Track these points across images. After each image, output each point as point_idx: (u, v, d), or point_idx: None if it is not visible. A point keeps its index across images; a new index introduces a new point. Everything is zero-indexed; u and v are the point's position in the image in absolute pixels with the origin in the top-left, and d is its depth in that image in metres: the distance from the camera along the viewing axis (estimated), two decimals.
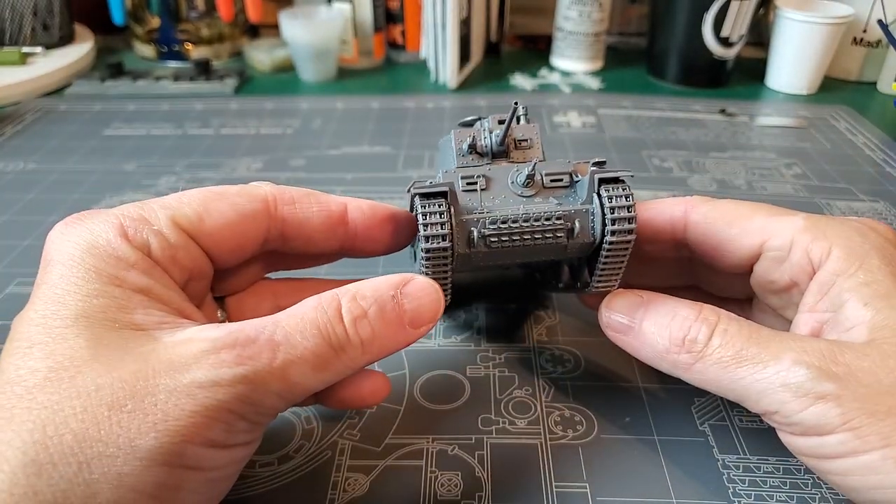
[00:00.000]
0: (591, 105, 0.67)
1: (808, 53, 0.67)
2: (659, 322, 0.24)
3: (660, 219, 0.28)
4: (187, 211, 0.23)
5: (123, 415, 0.17)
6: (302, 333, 0.20)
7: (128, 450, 0.17)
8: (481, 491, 0.27)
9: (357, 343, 0.21)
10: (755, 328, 0.22)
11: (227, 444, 0.20)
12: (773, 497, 0.26)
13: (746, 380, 0.21)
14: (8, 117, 0.63)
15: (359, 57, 0.76)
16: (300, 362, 0.20)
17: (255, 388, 0.19)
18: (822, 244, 0.23)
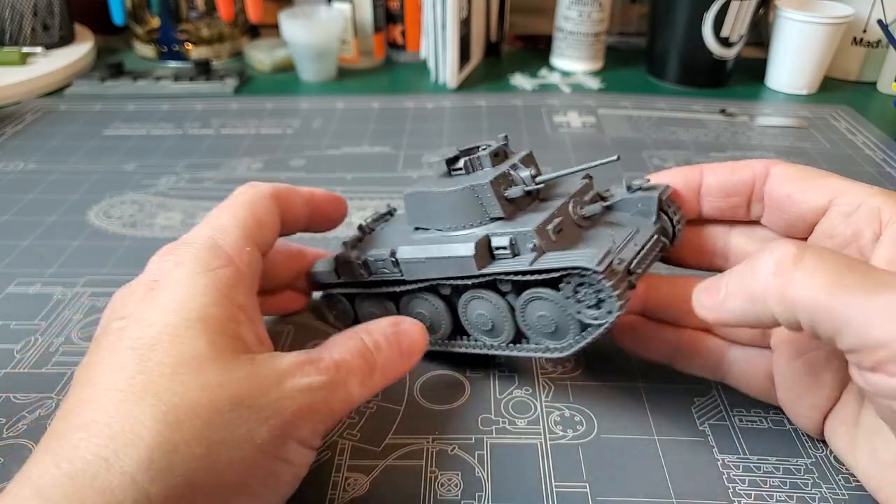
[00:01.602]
0: (591, 105, 0.67)
1: (808, 53, 0.67)
2: (739, 269, 0.22)
3: (742, 174, 0.28)
4: (254, 230, 0.26)
5: (243, 410, 0.20)
6: (352, 355, 0.25)
7: (247, 440, 0.20)
8: (481, 491, 0.27)
9: (380, 365, 0.26)
10: (850, 258, 0.20)
11: (310, 444, 0.23)
12: (773, 497, 0.26)
13: (850, 307, 0.19)
14: (8, 117, 0.63)
15: (359, 57, 0.76)
16: (353, 376, 0.24)
17: (331, 394, 0.23)
18: (894, 206, 0.24)
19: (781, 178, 0.27)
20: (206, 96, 0.69)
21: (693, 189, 0.30)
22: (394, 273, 0.30)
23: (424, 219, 0.31)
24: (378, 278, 0.31)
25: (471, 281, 0.28)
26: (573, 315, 0.27)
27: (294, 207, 0.29)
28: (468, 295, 0.29)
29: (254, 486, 0.20)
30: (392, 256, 0.30)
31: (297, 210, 0.30)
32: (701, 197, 0.30)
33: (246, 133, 0.60)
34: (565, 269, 0.25)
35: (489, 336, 0.30)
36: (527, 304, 0.28)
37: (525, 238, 0.27)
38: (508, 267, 0.27)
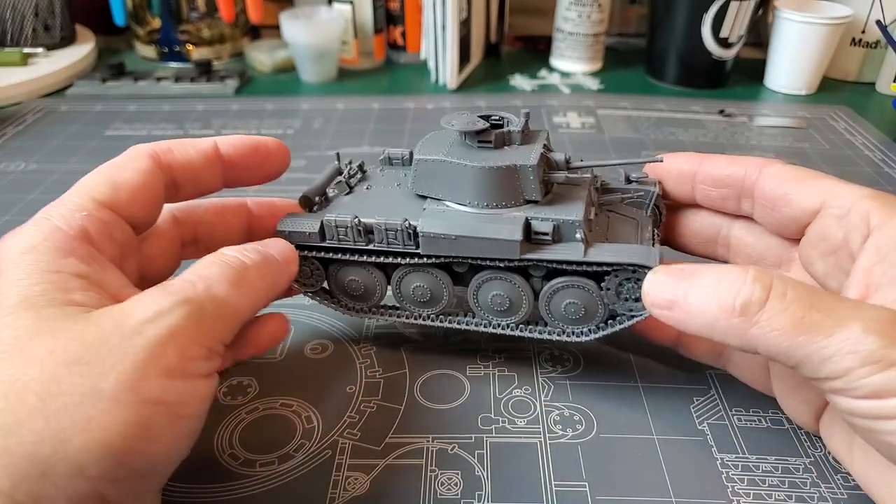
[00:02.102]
0: (591, 106, 0.67)
1: (806, 54, 0.67)
2: (704, 290, 0.23)
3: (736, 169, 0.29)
4: (102, 189, 0.25)
5: (82, 367, 0.19)
6: (206, 266, 0.24)
7: (92, 395, 0.19)
8: (481, 490, 0.27)
9: (252, 266, 0.25)
10: (815, 292, 0.21)
11: (185, 373, 0.21)
12: (772, 496, 0.26)
13: (810, 347, 0.20)
14: (9, 118, 0.63)
15: (359, 58, 0.76)
16: (217, 282, 0.23)
17: (191, 309, 0.22)
18: (883, 211, 0.24)
19: (774, 177, 0.28)
20: (206, 97, 0.69)
21: (689, 175, 0.30)
22: (407, 246, 0.28)
23: (440, 189, 0.29)
24: (379, 248, 0.29)
25: (505, 264, 0.27)
26: (606, 305, 0.27)
27: (186, 164, 0.27)
28: (487, 275, 0.29)
29: (118, 440, 0.19)
30: (409, 227, 0.28)
31: (192, 165, 0.27)
32: (695, 184, 0.30)
33: (247, 133, 0.60)
34: (623, 265, 0.26)
35: (500, 316, 0.30)
36: (557, 292, 0.28)
37: (571, 227, 0.27)
38: (557, 256, 0.26)
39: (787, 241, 0.29)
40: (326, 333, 0.36)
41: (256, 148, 0.29)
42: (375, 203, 0.30)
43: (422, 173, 0.29)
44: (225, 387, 0.32)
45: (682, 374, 0.32)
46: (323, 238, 0.29)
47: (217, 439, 0.29)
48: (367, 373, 0.33)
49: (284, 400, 0.31)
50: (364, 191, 0.31)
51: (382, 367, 0.33)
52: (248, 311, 0.25)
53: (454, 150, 0.29)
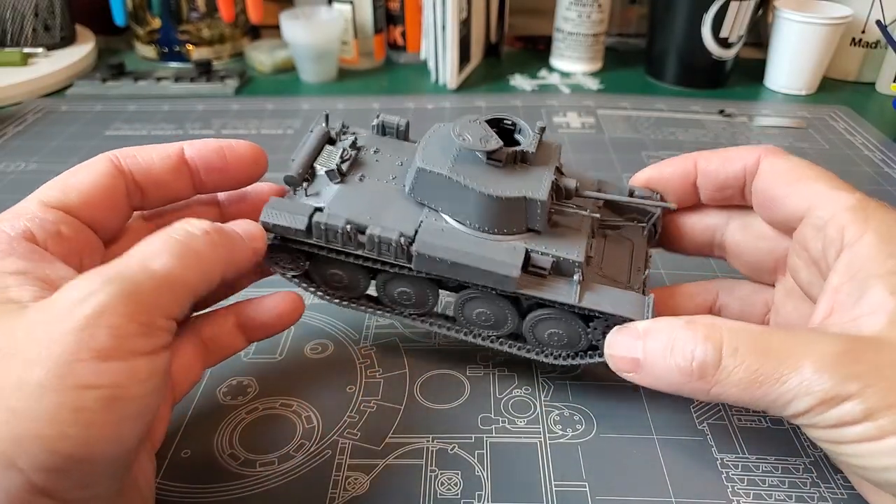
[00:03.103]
0: (591, 106, 0.67)
1: (806, 54, 0.67)
2: (661, 355, 0.23)
3: (734, 166, 0.28)
4: (51, 192, 0.25)
5: (7, 360, 0.19)
6: (146, 242, 0.22)
7: (17, 386, 0.18)
8: (481, 490, 0.27)
9: (200, 233, 0.23)
10: (765, 337, 0.22)
11: (121, 353, 0.20)
12: (772, 496, 0.26)
13: (770, 395, 0.21)
14: (9, 118, 0.63)
15: (359, 58, 0.76)
16: (156, 255, 0.22)
17: (123, 287, 0.20)
18: (858, 226, 0.23)
19: (769, 176, 0.27)
20: (206, 97, 0.69)
21: (689, 180, 0.30)
22: (398, 259, 0.27)
23: (439, 202, 0.27)
24: (370, 255, 0.27)
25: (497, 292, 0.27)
26: (590, 340, 0.27)
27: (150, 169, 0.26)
28: (476, 293, 0.28)
29: (47, 428, 0.18)
30: (403, 243, 0.26)
31: (157, 170, 0.26)
32: (697, 188, 0.30)
33: (247, 133, 0.61)
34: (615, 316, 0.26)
35: (484, 329, 0.30)
36: (543, 321, 0.28)
37: (570, 265, 0.26)
38: (552, 296, 0.26)
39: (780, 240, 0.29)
40: (326, 333, 0.36)
41: (221, 150, 0.28)
42: (369, 202, 0.28)
43: (422, 182, 0.27)
44: (225, 387, 0.32)
45: None
46: (310, 235, 0.27)
47: (217, 439, 0.29)
48: (367, 373, 0.33)
49: (284, 400, 0.31)
50: (357, 182, 0.29)
51: (382, 367, 0.33)
52: (197, 283, 0.23)
53: (460, 163, 0.27)
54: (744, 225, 0.30)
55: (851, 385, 0.20)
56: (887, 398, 0.20)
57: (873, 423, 0.20)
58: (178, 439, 0.29)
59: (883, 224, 0.23)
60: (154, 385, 0.21)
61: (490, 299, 0.28)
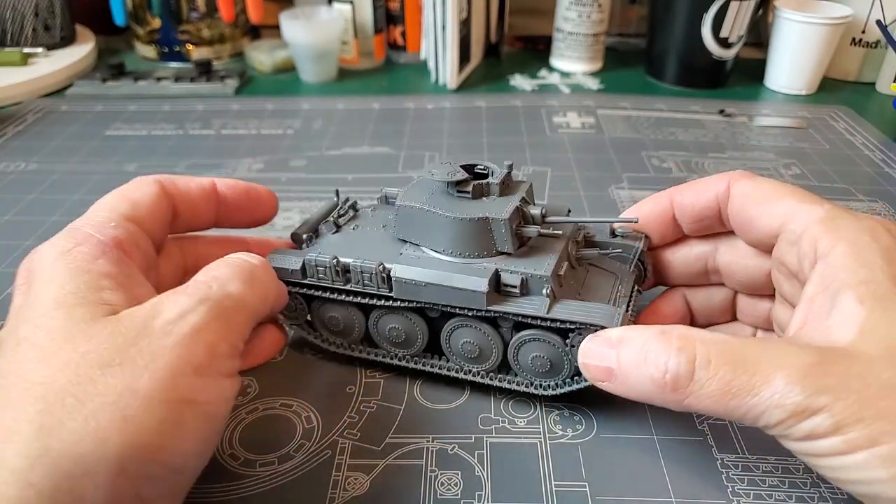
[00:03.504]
0: (591, 106, 0.67)
1: (806, 54, 0.67)
2: (634, 365, 0.23)
3: (706, 196, 0.29)
4: (123, 204, 0.26)
5: (115, 368, 0.20)
6: (217, 266, 0.25)
7: (127, 395, 0.20)
8: (481, 490, 0.27)
9: (259, 263, 0.26)
10: (738, 349, 0.22)
11: (213, 372, 0.22)
12: (772, 496, 0.26)
13: (743, 407, 0.21)
14: (9, 117, 0.63)
15: (359, 58, 0.76)
16: (229, 281, 0.24)
17: (213, 308, 0.22)
18: (830, 238, 0.24)
19: (739, 199, 0.28)
20: (206, 97, 0.69)
21: (668, 217, 0.31)
22: (381, 288, 0.29)
23: (418, 236, 0.30)
24: (357, 288, 0.29)
25: (472, 313, 0.28)
26: (572, 361, 0.28)
27: (187, 196, 0.29)
28: (458, 321, 0.29)
29: (152, 439, 0.20)
30: (383, 271, 0.28)
31: (193, 198, 0.29)
32: (678, 222, 0.31)
33: (247, 133, 0.61)
34: (584, 324, 0.26)
35: (471, 363, 0.30)
36: (524, 344, 0.29)
37: (538, 282, 0.27)
38: (521, 310, 0.27)
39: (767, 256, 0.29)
40: None
41: (249, 192, 0.31)
42: (358, 244, 0.31)
43: (402, 219, 0.30)
44: None
45: None
46: (304, 275, 0.30)
47: None
48: (367, 373, 0.33)
49: (284, 400, 0.31)
50: (351, 231, 0.32)
51: (382, 367, 0.33)
52: (260, 309, 0.25)
53: (434, 198, 0.29)
54: (731, 247, 0.30)
55: (821, 398, 0.20)
56: (856, 412, 0.20)
57: (842, 437, 0.20)
58: None
59: (853, 233, 0.23)
60: (231, 407, 0.23)
61: (472, 326, 0.29)
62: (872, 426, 0.20)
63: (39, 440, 0.18)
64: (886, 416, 0.19)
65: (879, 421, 0.20)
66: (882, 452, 0.19)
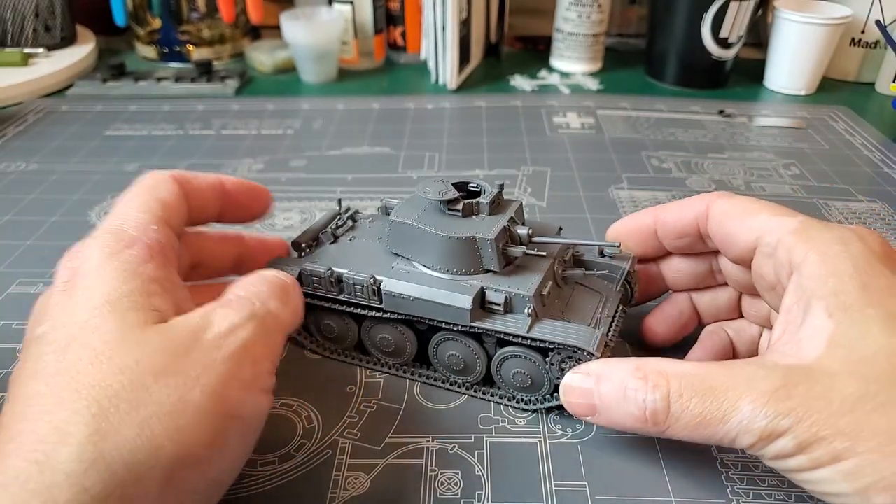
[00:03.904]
0: (591, 106, 0.67)
1: (806, 54, 0.67)
2: (615, 401, 0.24)
3: (687, 216, 0.30)
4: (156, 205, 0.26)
5: (168, 378, 0.20)
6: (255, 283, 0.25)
7: (181, 406, 0.20)
8: (481, 489, 0.27)
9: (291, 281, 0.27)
10: (707, 379, 0.23)
11: (257, 388, 0.23)
12: (772, 496, 0.27)
13: (716, 436, 0.22)
14: (10, 118, 0.63)
15: (359, 58, 0.76)
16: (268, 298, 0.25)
17: (257, 324, 0.23)
18: (802, 248, 0.24)
19: (718, 218, 0.28)
20: (207, 97, 0.69)
21: (651, 233, 0.31)
22: (371, 300, 0.30)
23: (409, 250, 0.30)
24: (348, 299, 0.30)
25: (457, 328, 0.29)
26: (552, 378, 0.28)
27: (200, 192, 0.29)
28: (444, 335, 0.30)
29: (201, 452, 0.20)
30: (374, 284, 0.29)
31: (204, 194, 0.29)
32: (660, 238, 0.31)
33: (247, 134, 0.61)
34: (562, 345, 0.27)
35: (457, 374, 0.31)
36: (506, 359, 0.29)
37: (521, 301, 0.28)
38: (503, 327, 0.28)
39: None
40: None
41: (251, 189, 0.31)
42: (352, 256, 0.32)
43: (394, 234, 0.30)
44: None
45: None
46: (301, 284, 0.31)
47: None
48: (367, 373, 0.33)
49: (284, 400, 0.31)
50: (347, 242, 0.33)
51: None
52: (293, 326, 0.26)
53: (426, 215, 0.30)
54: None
55: (784, 421, 0.21)
56: (816, 432, 0.21)
57: (806, 456, 0.21)
58: None
59: (824, 243, 0.24)
60: (264, 423, 0.23)
61: (457, 340, 0.30)
62: (834, 443, 0.20)
63: (94, 444, 0.18)
64: (847, 433, 0.20)
65: (840, 438, 0.20)
66: (845, 468, 0.20)
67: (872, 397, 0.20)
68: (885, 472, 0.20)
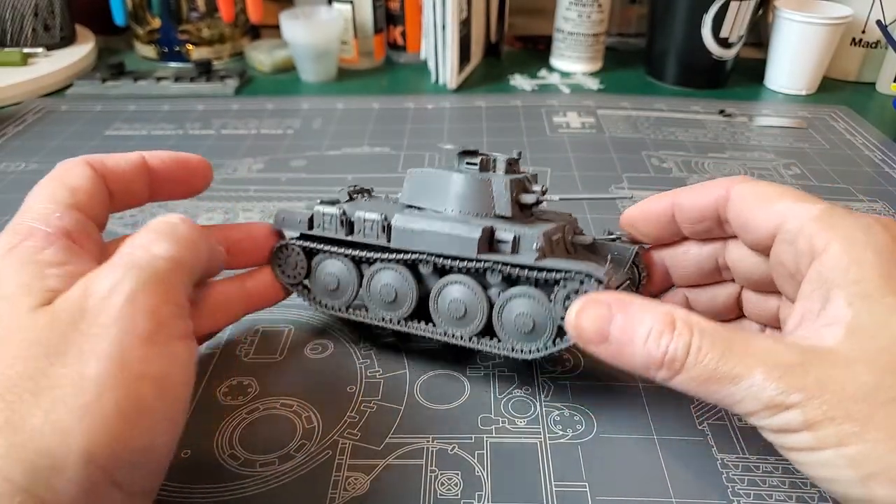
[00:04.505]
0: (591, 106, 0.67)
1: (806, 54, 0.67)
2: (635, 338, 0.24)
3: (707, 199, 0.29)
4: (63, 192, 0.25)
5: (61, 357, 0.19)
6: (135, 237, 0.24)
7: (80, 382, 0.19)
8: (481, 490, 0.27)
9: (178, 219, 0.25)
10: (728, 340, 0.22)
11: (162, 337, 0.21)
12: (772, 496, 0.26)
13: (722, 393, 0.22)
14: (9, 117, 0.63)
15: (359, 58, 0.76)
16: (153, 243, 0.23)
17: (144, 273, 0.22)
18: (825, 235, 0.24)
19: (738, 202, 0.28)
20: (206, 97, 0.69)
21: (668, 217, 0.31)
22: (380, 238, 0.30)
23: (424, 198, 0.31)
24: (357, 239, 0.31)
25: (464, 264, 0.29)
26: (555, 320, 0.28)
27: (119, 173, 0.27)
28: (448, 279, 0.30)
29: (114, 425, 0.19)
30: (385, 221, 0.30)
31: (124, 174, 0.28)
32: (678, 223, 0.31)
33: (247, 133, 0.61)
34: (571, 272, 0.27)
35: (456, 326, 0.31)
36: (509, 301, 0.29)
37: (529, 239, 0.28)
38: (511, 259, 0.28)
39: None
40: (326, 333, 0.36)
41: (180, 161, 0.30)
42: (366, 207, 0.32)
43: (410, 184, 0.32)
44: (225, 387, 0.32)
45: None
46: (311, 227, 0.32)
47: (217, 439, 0.29)
48: (367, 373, 0.33)
49: (285, 400, 0.31)
50: (363, 200, 0.34)
51: (382, 367, 0.33)
52: (193, 263, 0.25)
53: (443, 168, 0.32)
54: (740, 245, 0.30)
55: (795, 396, 0.21)
56: (827, 411, 0.20)
57: (813, 434, 0.21)
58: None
59: (848, 231, 0.24)
60: (191, 372, 0.22)
61: (461, 283, 0.30)
62: (842, 427, 0.20)
63: (6, 437, 0.18)
64: (857, 419, 0.20)
65: (849, 422, 0.20)
66: (848, 453, 0.20)
67: (887, 389, 0.20)
68: (891, 463, 0.19)
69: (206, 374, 0.33)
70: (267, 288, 0.33)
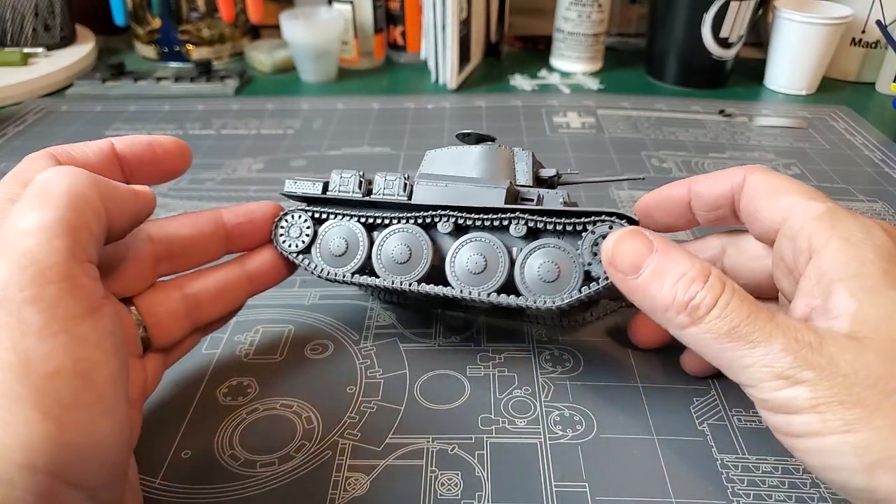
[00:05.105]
0: (591, 106, 0.67)
1: (806, 54, 0.67)
2: (667, 277, 0.24)
3: (723, 186, 0.29)
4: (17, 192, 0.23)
5: None
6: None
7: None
8: (481, 490, 0.27)
9: (45, 176, 0.22)
10: (755, 306, 0.23)
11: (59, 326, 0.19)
12: (772, 496, 0.26)
13: (735, 353, 0.22)
14: (9, 117, 0.63)
15: (359, 58, 0.76)
16: (20, 217, 0.20)
17: (9, 256, 0.19)
18: (824, 234, 0.24)
19: (751, 191, 0.28)
20: (206, 97, 0.69)
21: (683, 205, 0.31)
22: (400, 196, 0.31)
23: (444, 169, 0.32)
24: (376, 199, 0.31)
25: (489, 217, 0.29)
26: (582, 266, 0.28)
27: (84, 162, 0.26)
28: (468, 236, 0.29)
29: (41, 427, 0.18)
30: (406, 179, 0.31)
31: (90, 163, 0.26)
32: (693, 210, 0.31)
33: (247, 133, 0.61)
34: (603, 213, 0.28)
35: (475, 283, 0.29)
36: (533, 252, 0.29)
37: (553, 197, 0.30)
38: (538, 207, 0.29)
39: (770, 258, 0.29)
40: (326, 333, 0.36)
41: (151, 146, 0.28)
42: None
43: (429, 160, 0.33)
44: (225, 387, 0.32)
45: (681, 375, 0.32)
46: (325, 191, 0.32)
47: (217, 440, 0.29)
48: (367, 373, 0.33)
49: (284, 400, 0.31)
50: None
51: (382, 367, 0.33)
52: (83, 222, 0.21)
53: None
54: (738, 250, 0.30)
55: (807, 373, 0.21)
56: (837, 394, 0.20)
57: (818, 416, 0.20)
58: (179, 440, 0.29)
59: (848, 230, 0.24)
60: (115, 343, 0.20)
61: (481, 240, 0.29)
62: (850, 411, 0.20)
63: None
64: (865, 405, 0.20)
65: (857, 407, 0.20)
66: (855, 440, 0.20)
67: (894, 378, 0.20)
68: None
69: (206, 375, 0.33)
70: (269, 267, 0.32)
